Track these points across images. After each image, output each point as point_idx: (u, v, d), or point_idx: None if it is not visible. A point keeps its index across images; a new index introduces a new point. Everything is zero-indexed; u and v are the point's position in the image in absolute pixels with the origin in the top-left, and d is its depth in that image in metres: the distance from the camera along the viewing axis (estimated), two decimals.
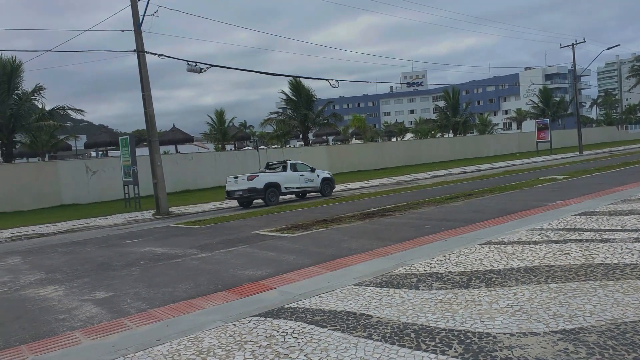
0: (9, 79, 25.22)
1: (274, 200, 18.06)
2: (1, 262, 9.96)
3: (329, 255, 7.69)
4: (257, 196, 17.93)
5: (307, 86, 40.07)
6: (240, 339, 4.35)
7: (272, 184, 18.09)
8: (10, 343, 4.86)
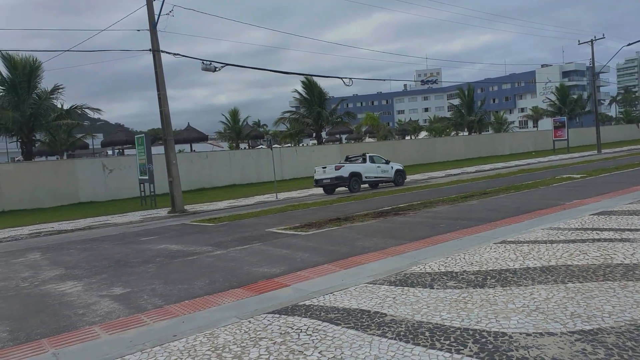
0: (29, 78, 25.67)
1: (357, 188, 20.44)
2: (22, 258, 10.17)
3: (342, 254, 7.70)
4: (342, 184, 20.24)
5: (320, 85, 40.13)
6: (255, 335, 4.39)
7: (355, 174, 20.50)
8: (31, 337, 4.97)
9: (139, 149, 21.27)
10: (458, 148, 44.54)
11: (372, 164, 21.31)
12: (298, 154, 34.99)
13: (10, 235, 14.41)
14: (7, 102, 25.57)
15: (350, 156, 22.69)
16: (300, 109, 43.01)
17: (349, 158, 22.43)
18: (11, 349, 4.67)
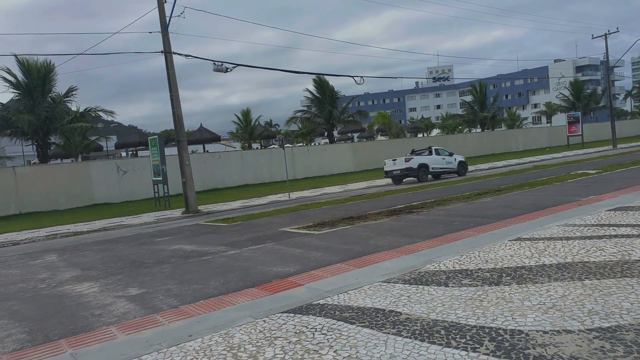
0: (44, 82, 26.03)
1: (425, 178, 22.39)
2: (39, 260, 10.33)
3: (356, 252, 7.69)
4: (411, 174, 22.18)
5: (331, 84, 40.09)
6: (270, 334, 4.40)
7: (423, 165, 22.36)
8: (49, 337, 5.04)
9: (152, 150, 21.47)
10: (471, 145, 44.18)
11: (437, 156, 23.08)
12: (310, 153, 35.00)
13: (27, 237, 14.64)
14: (22, 105, 25.97)
15: (416, 149, 24.66)
16: (312, 108, 43.02)
17: (415, 151, 24.17)
18: (30, 349, 4.74)
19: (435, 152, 23.23)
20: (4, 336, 5.24)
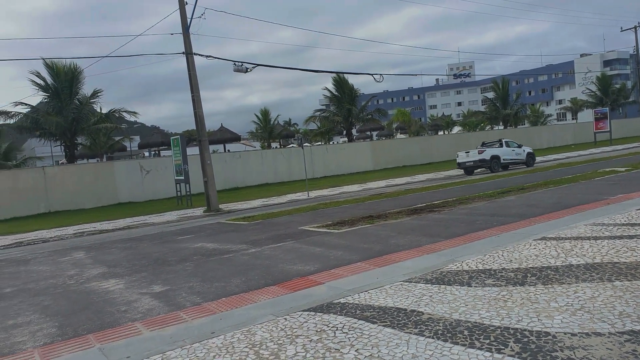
0: (71, 85, 26.64)
1: (497, 168, 23.72)
2: (68, 257, 10.58)
3: (376, 252, 7.66)
4: (484, 165, 23.65)
5: (350, 82, 39.99)
6: (291, 332, 4.42)
7: (495, 156, 23.81)
8: (78, 332, 5.16)
9: (174, 150, 21.76)
10: None
11: (507, 148, 24.45)
12: (328, 152, 35.01)
13: (56, 235, 15.01)
14: (51, 107, 26.64)
15: (487, 142, 26.20)
16: (331, 106, 43.01)
17: (485, 143, 25.60)
18: (60, 343, 4.86)
19: (506, 144, 24.57)
20: (36, 330, 5.39)
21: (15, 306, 6.64)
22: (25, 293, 7.40)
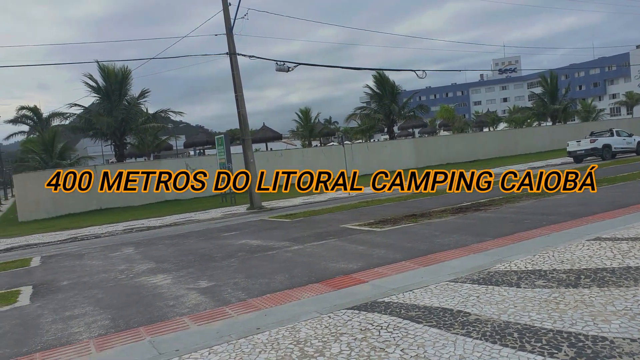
0: (120, 86, 27.73)
1: (608, 157, 24.58)
2: (118, 252, 11.02)
3: (420, 250, 7.55)
4: (596, 154, 24.52)
5: (392, 79, 39.60)
6: (335, 330, 4.43)
7: (607, 145, 24.76)
8: (130, 325, 5.36)
9: (219, 148, 22.24)
10: (541, 139, 42.06)
11: (618, 137, 25.42)
12: (369, 150, 34.80)
13: (107, 231, 15.66)
14: (102, 108, 27.83)
15: (595, 132, 26.87)
16: (372, 104, 42.74)
17: (595, 133, 26.38)
18: (113, 335, 5.07)
19: (616, 133, 25.52)
20: (90, 322, 5.65)
21: (71, 298, 6.97)
22: (81, 286, 7.76)
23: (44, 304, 6.82)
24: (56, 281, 8.37)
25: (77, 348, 4.79)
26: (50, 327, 5.64)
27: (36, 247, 14.03)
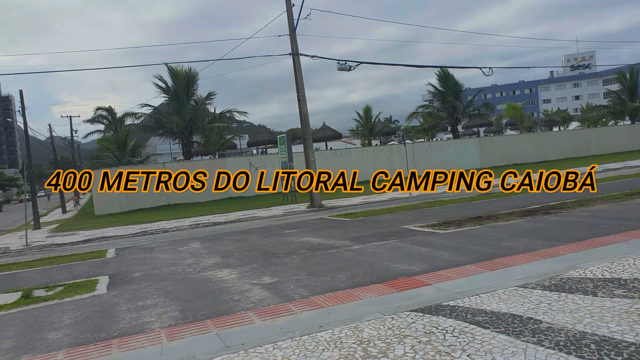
0: (188, 87, 28.96)
1: None
2: (186, 247, 11.51)
3: (487, 254, 7.31)
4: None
5: (455, 76, 38.52)
6: (399, 332, 4.38)
7: None
8: (197, 317, 5.59)
9: (280, 147, 22.65)
10: (618, 139, 39.34)
11: None
12: (432, 149, 34.07)
13: (175, 226, 16.40)
14: (171, 108, 29.18)
15: None
16: (434, 102, 41.81)
17: None
18: (182, 326, 5.30)
19: None
20: (161, 312, 5.94)
21: (143, 289, 7.37)
22: (152, 278, 8.18)
23: (119, 293, 7.26)
24: (129, 272, 8.88)
25: (149, 337, 5.06)
26: (125, 315, 5.99)
27: (111, 240, 14.95)
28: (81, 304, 6.78)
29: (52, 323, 5.95)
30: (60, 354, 4.81)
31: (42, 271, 10.08)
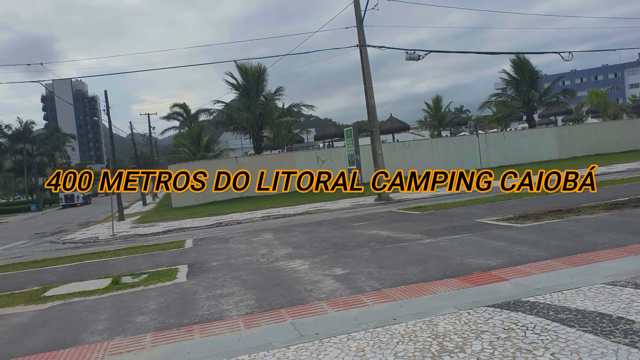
0: (257, 83, 29.74)
1: None
2: (259, 237, 11.88)
3: (568, 249, 6.92)
4: None
5: (531, 62, 36.54)
6: (475, 327, 4.27)
7: None
8: (272, 306, 5.76)
9: (347, 140, 22.64)
10: None
11: None
12: (506, 140, 32.59)
13: (247, 218, 16.97)
14: (241, 104, 30.13)
15: None
16: (508, 90, 39.97)
17: None
18: (259, 314, 5.49)
19: None
20: (238, 301, 6.19)
21: (220, 278, 7.70)
22: (228, 267, 8.53)
23: (198, 281, 7.64)
24: (207, 262, 9.32)
25: (228, 324, 5.28)
26: (204, 302, 6.30)
27: (188, 231, 15.74)
28: (164, 291, 7.22)
29: (139, 308, 6.39)
30: (148, 336, 5.15)
31: (128, 259, 10.83)
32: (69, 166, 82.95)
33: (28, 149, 69.72)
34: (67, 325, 5.93)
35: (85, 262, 11.19)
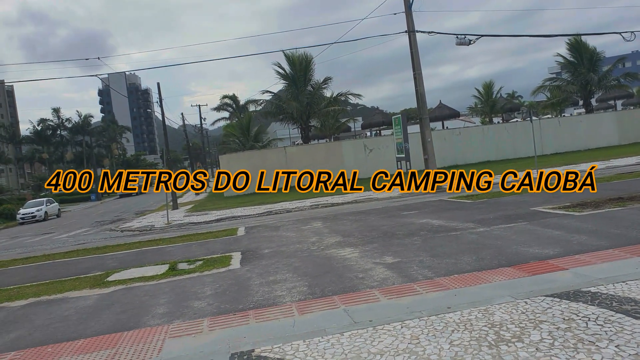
0: (305, 73, 29.88)
1: None
2: (308, 226, 12.03)
3: (632, 238, 6.60)
4: None
5: (589, 44, 34.60)
6: (533, 317, 4.18)
7: None
8: (325, 293, 5.85)
9: (395, 128, 22.37)
10: None
11: None
12: (561, 126, 31.21)
13: (296, 207, 17.20)
14: (290, 94, 30.38)
15: None
16: (563, 74, 38.11)
17: None
18: (312, 301, 5.60)
19: None
20: (291, 287, 6.33)
21: (273, 265, 7.88)
22: (280, 255, 8.71)
23: (251, 268, 7.85)
24: (259, 249, 9.55)
25: (282, 309, 5.42)
26: (258, 289, 6.48)
27: (240, 219, 16.15)
28: (219, 277, 7.47)
29: (195, 293, 6.65)
30: (205, 321, 5.37)
31: (183, 247, 11.26)
32: (124, 157, 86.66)
33: (87, 141, 73.46)
34: (129, 309, 6.26)
35: (143, 249, 11.74)
